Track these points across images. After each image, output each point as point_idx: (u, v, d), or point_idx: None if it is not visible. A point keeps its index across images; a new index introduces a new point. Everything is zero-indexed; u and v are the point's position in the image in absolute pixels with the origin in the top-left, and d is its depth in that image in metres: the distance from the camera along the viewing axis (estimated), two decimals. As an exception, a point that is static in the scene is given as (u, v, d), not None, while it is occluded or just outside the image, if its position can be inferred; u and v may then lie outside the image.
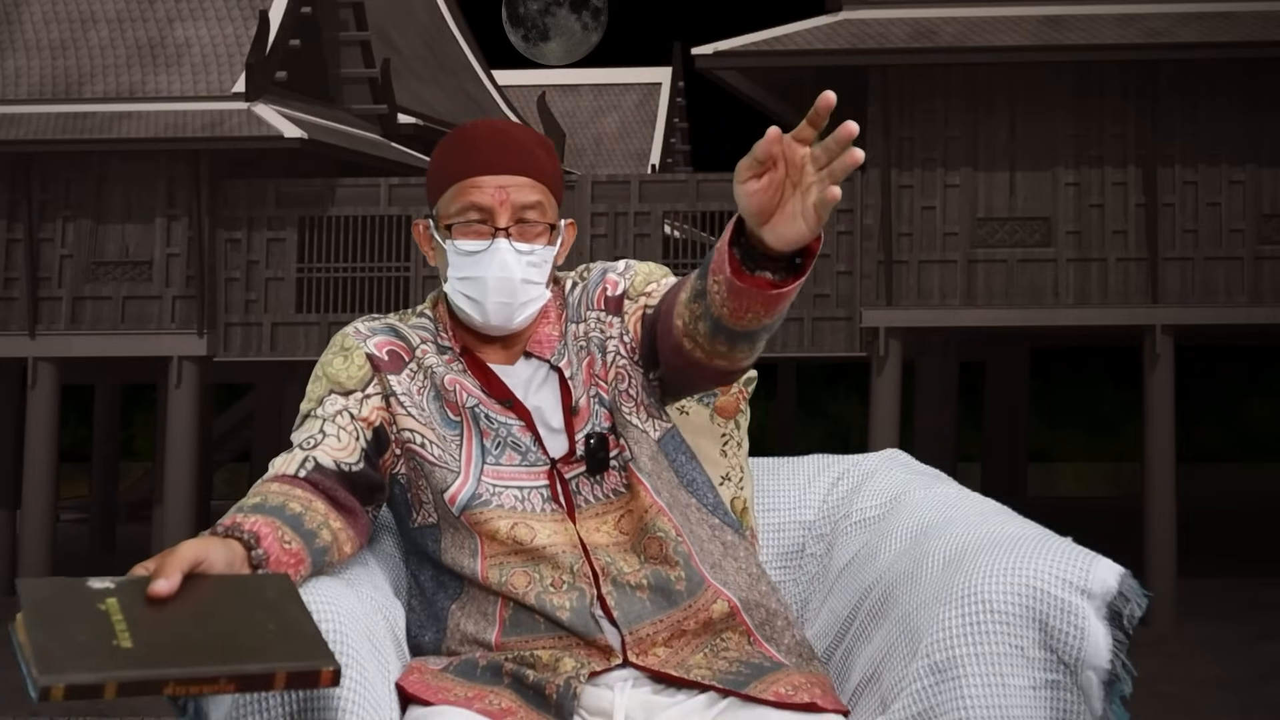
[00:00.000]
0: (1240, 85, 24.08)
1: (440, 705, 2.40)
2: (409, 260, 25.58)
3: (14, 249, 26.06)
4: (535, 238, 2.55)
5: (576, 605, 2.46)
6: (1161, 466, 23.75)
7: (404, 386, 2.56)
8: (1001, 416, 31.49)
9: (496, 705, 2.40)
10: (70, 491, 42.64)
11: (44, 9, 27.33)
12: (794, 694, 2.42)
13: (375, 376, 2.56)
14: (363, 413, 2.53)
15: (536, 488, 2.52)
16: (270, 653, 2.02)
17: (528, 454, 2.52)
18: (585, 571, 2.48)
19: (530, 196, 2.54)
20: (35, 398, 26.04)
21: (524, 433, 2.53)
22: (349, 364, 2.57)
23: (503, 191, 2.53)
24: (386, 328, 2.62)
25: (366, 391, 2.55)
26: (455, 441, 2.53)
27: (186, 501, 25.49)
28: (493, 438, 2.53)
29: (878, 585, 2.61)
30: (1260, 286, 23.83)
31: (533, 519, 2.50)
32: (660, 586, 2.50)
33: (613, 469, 2.55)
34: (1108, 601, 2.35)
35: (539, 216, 2.55)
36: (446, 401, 2.55)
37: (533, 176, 2.55)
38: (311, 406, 2.55)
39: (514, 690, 2.43)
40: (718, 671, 2.47)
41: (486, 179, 2.54)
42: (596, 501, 2.53)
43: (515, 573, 2.49)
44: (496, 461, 2.52)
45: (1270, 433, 47.71)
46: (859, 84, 25.89)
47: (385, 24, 33.82)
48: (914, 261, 24.31)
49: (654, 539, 2.53)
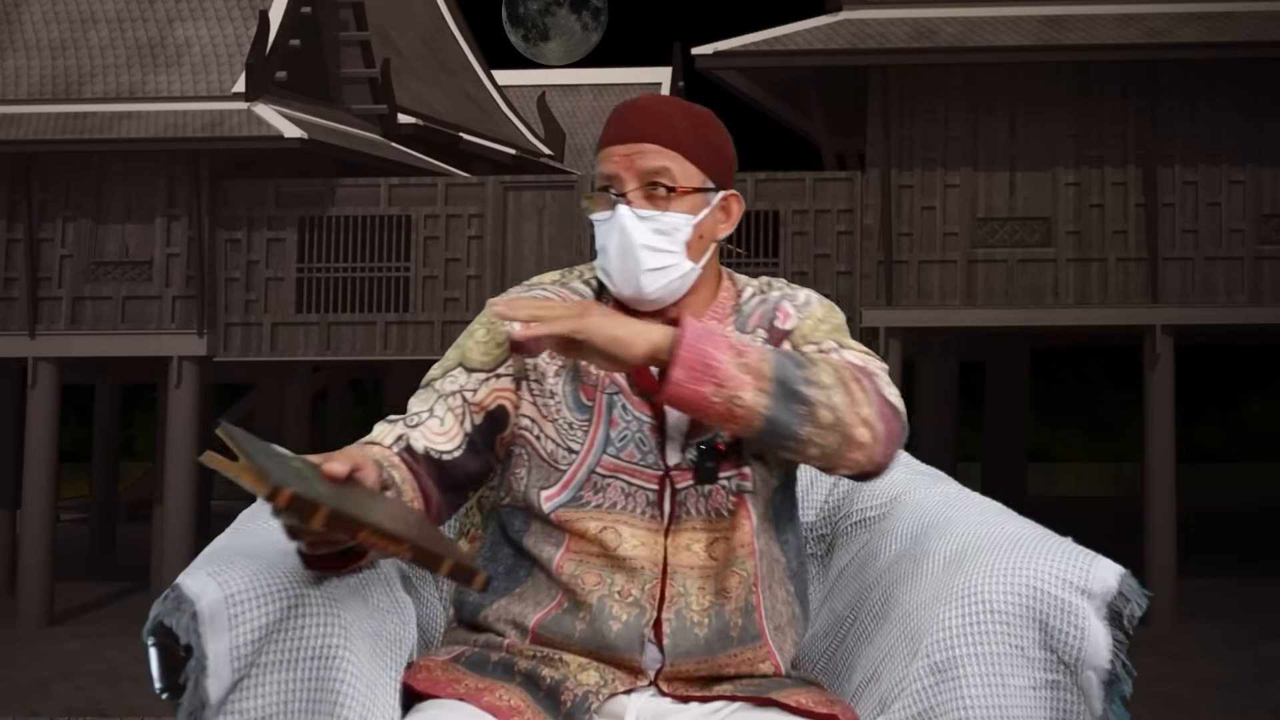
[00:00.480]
0: (1240, 85, 24.08)
1: (445, 699, 2.41)
2: (409, 260, 25.58)
3: (14, 249, 26.06)
4: (661, 203, 2.47)
5: (631, 621, 2.45)
6: (1161, 466, 23.74)
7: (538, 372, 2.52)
8: (1001, 416, 31.49)
9: (505, 702, 2.39)
10: (70, 491, 42.64)
11: (44, 9, 27.33)
12: (815, 705, 2.43)
13: (511, 357, 2.53)
14: (480, 396, 2.51)
15: (645, 489, 2.48)
16: (440, 543, 2.18)
17: (648, 455, 2.48)
18: (654, 594, 2.46)
19: (656, 162, 2.47)
20: (35, 398, 26.04)
21: (653, 433, 2.49)
22: (489, 339, 2.54)
23: (627, 159, 2.48)
24: None
25: (498, 371, 2.52)
26: (581, 428, 2.49)
27: (186, 501, 25.49)
28: (620, 429, 2.49)
29: (878, 585, 2.61)
30: (1260, 286, 23.83)
31: (625, 523, 2.47)
32: (719, 629, 2.48)
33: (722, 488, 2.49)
34: (1108, 601, 2.35)
35: (667, 181, 2.47)
36: (584, 385, 2.51)
37: (663, 143, 2.48)
38: (437, 375, 2.54)
39: (524, 689, 2.43)
40: (740, 688, 2.49)
41: (616, 148, 2.49)
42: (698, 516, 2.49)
43: (590, 571, 2.47)
44: (617, 454, 2.48)
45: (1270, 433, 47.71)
46: (859, 84, 25.89)
47: (385, 24, 33.82)
48: (914, 261, 24.31)
49: (736, 575, 2.49)
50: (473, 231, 25.55)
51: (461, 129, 34.08)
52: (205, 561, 2.33)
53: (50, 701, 21.44)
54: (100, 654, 23.89)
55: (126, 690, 22.04)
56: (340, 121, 28.72)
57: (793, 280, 24.62)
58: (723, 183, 2.53)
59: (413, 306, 25.53)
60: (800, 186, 24.74)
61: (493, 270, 25.40)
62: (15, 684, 22.09)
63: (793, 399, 2.31)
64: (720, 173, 2.52)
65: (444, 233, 25.59)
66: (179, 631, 2.23)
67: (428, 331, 25.54)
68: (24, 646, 24.37)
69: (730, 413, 2.29)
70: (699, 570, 2.48)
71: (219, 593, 2.24)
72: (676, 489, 2.48)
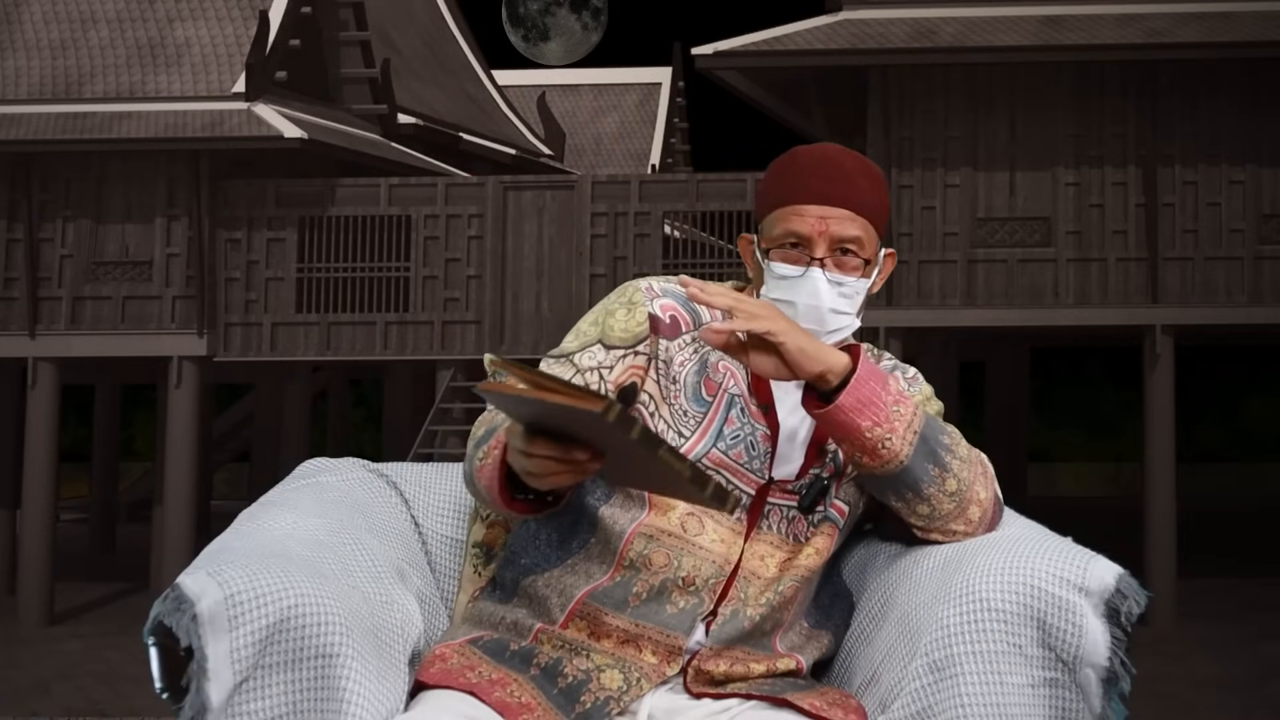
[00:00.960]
0: (1240, 85, 24.09)
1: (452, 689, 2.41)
2: (409, 260, 25.58)
3: (14, 249, 26.06)
4: (850, 270, 2.55)
5: (688, 609, 2.49)
6: (1161, 466, 23.75)
7: (670, 354, 2.58)
8: (1001, 416, 31.49)
9: (516, 698, 2.40)
10: (70, 491, 42.63)
11: (44, 9, 27.33)
12: (828, 709, 2.45)
13: (650, 338, 2.58)
14: (615, 374, 2.56)
15: (743, 491, 2.54)
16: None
17: (754, 460, 2.54)
18: (716, 588, 2.51)
19: (850, 230, 2.54)
20: (35, 398, 26.04)
21: (765, 440, 2.55)
22: (630, 318, 2.59)
23: (823, 222, 2.54)
24: (678, 294, 2.63)
25: (635, 349, 2.58)
26: (696, 418, 2.55)
27: (186, 501, 25.49)
28: (734, 428, 2.54)
29: (878, 586, 2.62)
30: (1260, 286, 23.83)
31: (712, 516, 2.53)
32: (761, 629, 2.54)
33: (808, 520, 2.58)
34: (1106, 599, 2.35)
35: (857, 249, 2.55)
36: (708, 380, 2.57)
37: (854, 209, 2.55)
38: (573, 348, 2.59)
39: (538, 685, 2.43)
40: (755, 686, 2.51)
41: (809, 208, 2.55)
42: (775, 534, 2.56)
43: (659, 550, 2.51)
44: (726, 452, 2.53)
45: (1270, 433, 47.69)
46: (859, 84, 25.89)
47: (385, 24, 33.81)
48: (914, 261, 24.31)
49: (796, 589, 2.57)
50: (473, 231, 25.55)
51: (461, 129, 34.08)
52: (205, 561, 2.33)
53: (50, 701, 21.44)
54: (100, 654, 23.88)
55: (126, 690, 22.04)
56: (340, 121, 28.72)
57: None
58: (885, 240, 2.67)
59: (413, 306, 25.53)
60: (800, 186, 24.75)
61: (493, 270, 25.40)
62: (15, 684, 22.08)
63: (931, 458, 2.48)
64: (883, 231, 2.62)
65: (444, 233, 25.59)
66: (179, 632, 2.23)
67: (427, 331, 25.54)
68: (24, 646, 24.37)
69: (876, 450, 2.46)
70: (765, 582, 2.54)
71: (219, 593, 2.24)
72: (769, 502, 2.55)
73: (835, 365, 2.44)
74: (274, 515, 2.60)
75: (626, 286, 2.63)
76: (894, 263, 2.67)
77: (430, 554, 2.81)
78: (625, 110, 45.81)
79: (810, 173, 2.56)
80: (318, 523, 2.58)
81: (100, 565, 31.73)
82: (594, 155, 45.26)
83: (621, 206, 25.10)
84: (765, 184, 2.61)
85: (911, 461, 2.47)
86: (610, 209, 25.11)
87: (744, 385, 2.57)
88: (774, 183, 2.59)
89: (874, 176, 2.59)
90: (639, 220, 25.06)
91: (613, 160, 45.09)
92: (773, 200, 2.59)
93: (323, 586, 2.33)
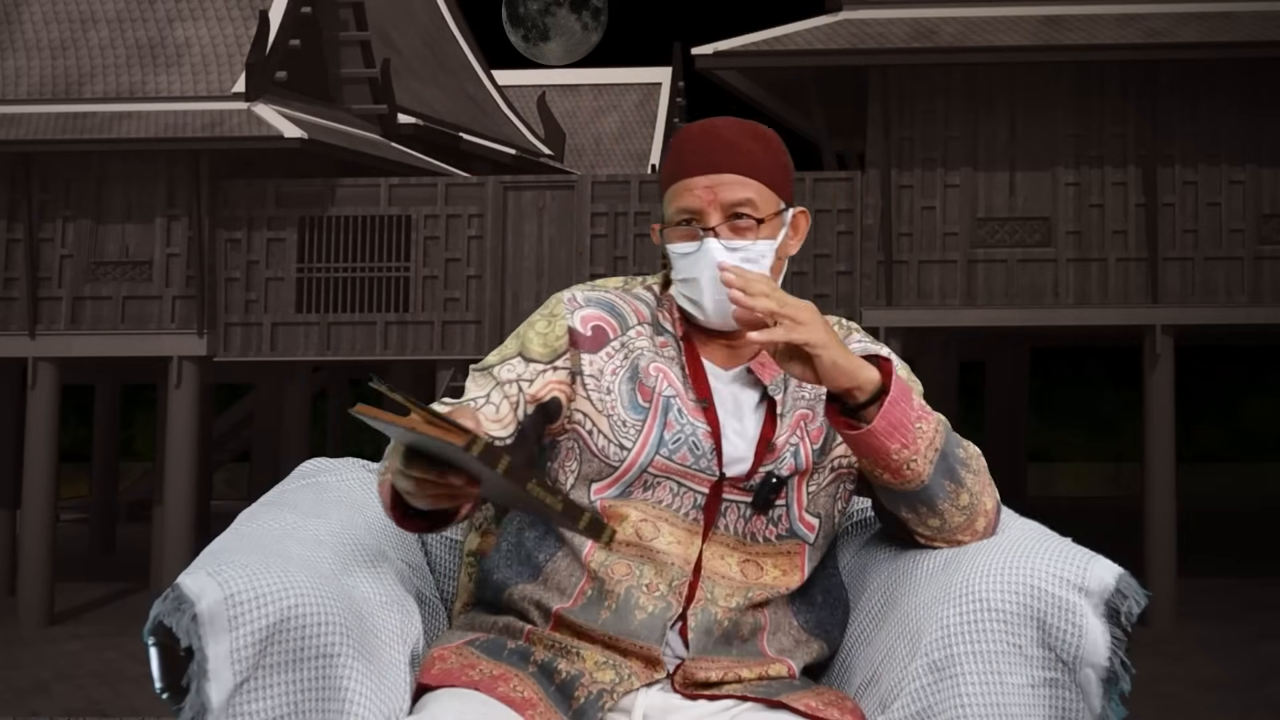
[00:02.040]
0: (1240, 85, 24.08)
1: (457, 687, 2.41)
2: (409, 260, 25.58)
3: (14, 249, 26.06)
4: (747, 233, 2.52)
5: (656, 613, 2.47)
6: (1161, 466, 23.75)
7: (596, 367, 2.55)
8: (1001, 416, 31.49)
9: (519, 694, 2.40)
10: (70, 491, 42.63)
11: (44, 9, 27.33)
12: (824, 709, 2.44)
13: (569, 352, 2.56)
14: (535, 387, 2.54)
15: (695, 492, 2.51)
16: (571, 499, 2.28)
17: (701, 459, 2.51)
18: (681, 590, 2.49)
19: (739, 194, 2.51)
20: (35, 398, 26.04)
21: (707, 438, 2.52)
22: (550, 331, 2.57)
23: (710, 191, 2.52)
24: (604, 301, 2.60)
25: (555, 364, 2.56)
26: (635, 427, 2.52)
27: (186, 501, 25.49)
28: (675, 432, 2.51)
29: (878, 586, 2.61)
30: (1260, 286, 23.83)
31: (665, 519, 2.50)
32: (734, 634, 2.52)
33: (767, 517, 2.54)
34: (1105, 599, 2.35)
35: (751, 211, 2.52)
36: (641, 386, 2.54)
37: (742, 172, 2.52)
38: (494, 362, 2.58)
39: (538, 681, 2.44)
40: (749, 687, 2.49)
41: (696, 180, 2.53)
42: (732, 535, 2.53)
43: (620, 561, 2.50)
44: (669, 456, 2.50)
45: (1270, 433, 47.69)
46: (859, 84, 25.89)
47: (385, 24, 33.81)
48: (914, 261, 24.31)
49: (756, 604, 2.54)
50: (473, 231, 25.55)
51: (461, 129, 34.08)
52: (205, 561, 2.33)
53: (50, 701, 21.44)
54: (100, 654, 23.88)
55: (126, 690, 22.04)
56: (340, 121, 28.72)
57: (793, 280, 24.64)
58: (790, 200, 2.59)
59: (413, 306, 25.53)
60: (800, 186, 24.74)
61: (493, 270, 25.41)
62: (15, 684, 22.08)
63: (948, 475, 2.47)
64: (789, 190, 2.58)
65: (444, 233, 25.59)
66: (179, 633, 2.23)
67: (428, 331, 25.54)
68: (24, 646, 24.36)
69: (900, 470, 2.45)
70: (728, 580, 2.51)
71: (219, 593, 2.24)
72: (725, 499, 2.52)
73: (866, 382, 2.43)
74: (274, 515, 2.60)
75: (550, 299, 2.61)
76: (808, 221, 2.62)
77: (430, 555, 2.81)
78: (625, 110, 45.81)
79: (693, 146, 2.53)
80: (318, 523, 2.58)
81: (100, 565, 31.73)
82: (594, 155, 45.26)
83: (621, 206, 25.10)
84: (662, 166, 2.59)
85: (931, 480, 2.46)
86: (610, 209, 25.11)
87: (679, 384, 2.54)
88: (664, 165, 2.57)
89: (763, 137, 2.56)
90: (639, 220, 25.06)
91: (613, 160, 45.09)
92: (665, 182, 2.56)
93: (323, 587, 2.33)
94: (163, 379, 30.01)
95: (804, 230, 2.62)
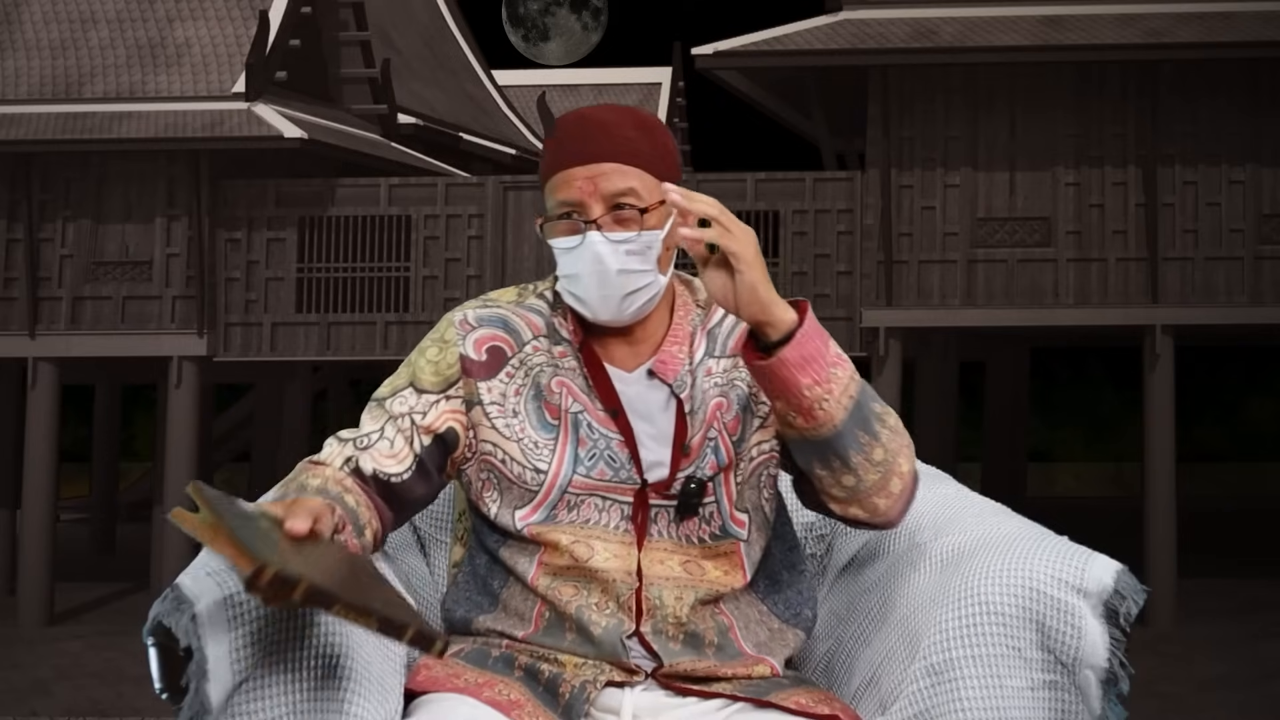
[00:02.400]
0: (1240, 85, 24.08)
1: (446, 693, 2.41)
2: (409, 260, 25.58)
3: (14, 249, 26.06)
4: (631, 225, 2.44)
5: (611, 628, 2.43)
6: (1161, 466, 23.75)
7: (495, 394, 2.49)
8: (1001, 416, 31.49)
9: (505, 696, 2.40)
10: (70, 491, 42.63)
11: (44, 9, 27.33)
12: (815, 706, 2.42)
13: (461, 380, 2.50)
14: (429, 419, 2.48)
15: (619, 503, 2.46)
16: (403, 610, 2.17)
17: (620, 470, 2.45)
18: (630, 604, 2.45)
19: (621, 183, 2.43)
20: (35, 398, 26.04)
21: (621, 448, 2.46)
22: (441, 359, 2.51)
23: (590, 182, 2.44)
24: (497, 318, 2.53)
25: (448, 394, 2.49)
26: (548, 447, 2.46)
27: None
28: (589, 448, 2.46)
29: (877, 587, 2.61)
30: (1260, 286, 23.83)
31: (597, 536, 2.45)
32: (694, 638, 2.47)
33: (699, 518, 2.48)
34: (1104, 600, 2.35)
35: (634, 201, 2.44)
36: (547, 404, 2.48)
37: (623, 160, 2.44)
38: (386, 394, 2.51)
39: (524, 684, 2.43)
40: (739, 686, 2.48)
41: (575, 171, 2.45)
42: (668, 539, 2.47)
43: (565, 583, 2.46)
44: (587, 474, 2.45)
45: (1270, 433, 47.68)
46: (859, 84, 25.89)
47: (385, 24, 33.81)
48: (914, 261, 24.31)
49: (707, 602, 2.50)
50: (473, 231, 25.55)
51: (461, 129, 34.07)
52: (205, 561, 2.33)
53: (50, 701, 21.44)
54: (100, 654, 23.89)
55: (127, 690, 22.04)
56: (340, 121, 28.72)
57: (793, 280, 24.64)
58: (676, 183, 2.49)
59: (413, 306, 25.53)
60: (800, 186, 24.75)
61: (493, 270, 25.41)
62: (15, 684, 22.08)
63: (863, 425, 2.37)
64: (673, 176, 2.50)
65: (444, 233, 25.60)
66: (178, 633, 2.23)
67: (427, 331, 25.55)
68: (24, 646, 24.37)
69: (811, 410, 2.35)
70: (674, 581, 2.47)
71: (218, 593, 2.24)
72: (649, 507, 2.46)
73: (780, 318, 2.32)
74: (273, 516, 2.60)
75: (443, 322, 2.54)
76: None
77: (428, 556, 2.81)
78: (625, 110, 45.81)
79: (571, 137, 2.45)
80: (317, 524, 2.58)
81: (100, 565, 31.73)
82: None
83: (621, 206, 25.11)
84: (541, 161, 2.52)
85: (844, 427, 2.36)
86: (610, 209, 25.12)
87: (584, 396, 2.47)
88: (544, 159, 2.50)
89: (645, 125, 2.48)
90: (639, 220, 25.07)
91: (613, 160, 45.07)
92: (545, 175, 2.49)
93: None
94: (163, 379, 30.01)
95: None
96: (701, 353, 2.52)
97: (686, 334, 2.53)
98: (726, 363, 2.52)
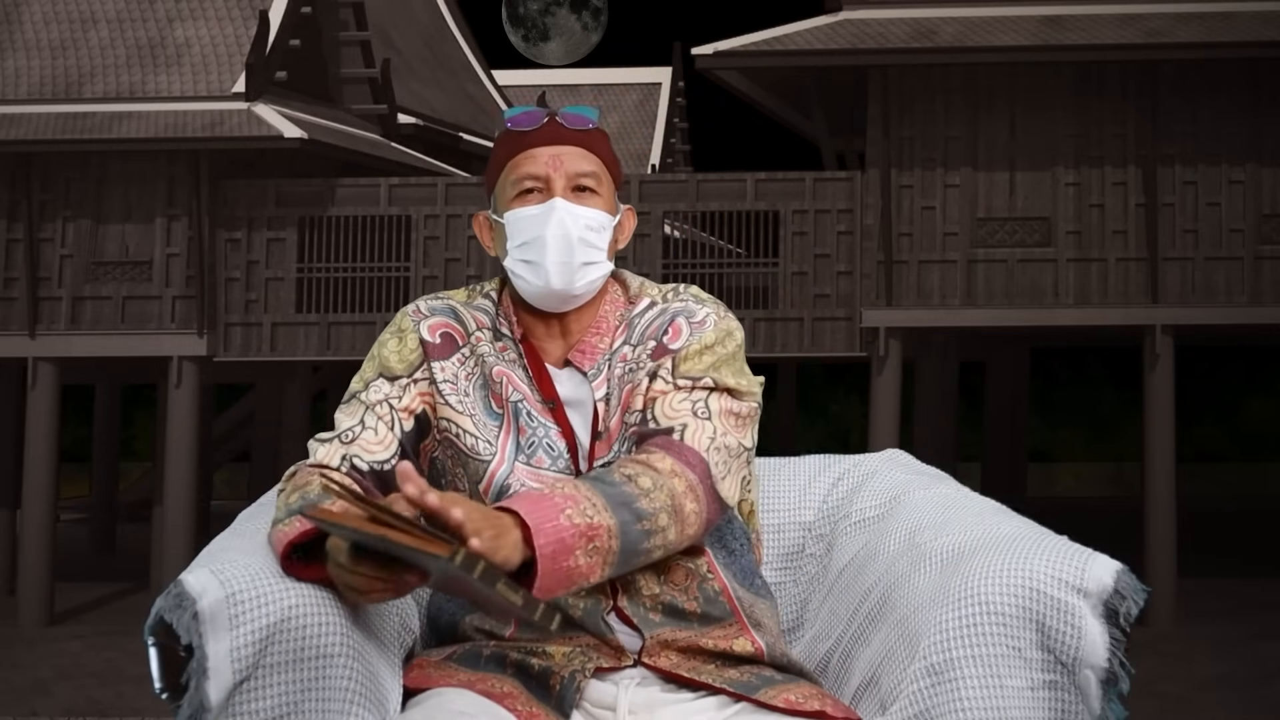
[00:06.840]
0: (1240, 85, 24.09)
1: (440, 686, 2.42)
2: (409, 260, 25.59)
3: (14, 249, 26.06)
4: (590, 204, 2.55)
5: (590, 608, 2.47)
6: (1161, 466, 23.75)
7: (450, 373, 2.57)
8: (1001, 416, 31.49)
9: (498, 689, 2.42)
10: (70, 491, 42.62)
11: (44, 9, 27.33)
12: (804, 702, 2.44)
13: (425, 362, 2.58)
14: (405, 401, 2.55)
15: None
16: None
17: (558, 459, 2.52)
18: (605, 584, 2.48)
19: (585, 165, 2.55)
20: (35, 398, 26.05)
21: (560, 438, 2.53)
22: (402, 346, 2.58)
23: (556, 160, 2.54)
24: (447, 308, 2.62)
25: (415, 376, 2.57)
26: (494, 432, 2.54)
27: (186, 501, 25.49)
28: (529, 436, 2.53)
29: (877, 587, 2.61)
30: (1260, 286, 23.84)
31: None
32: (672, 608, 2.50)
33: None
34: (1104, 600, 2.35)
35: (594, 186, 2.55)
36: (493, 392, 2.56)
37: (586, 148, 2.56)
38: (359, 388, 2.58)
39: (516, 678, 2.45)
40: (729, 679, 2.48)
41: (540, 150, 2.55)
42: None
43: None
44: (528, 461, 2.52)
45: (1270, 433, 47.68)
46: (859, 84, 25.89)
47: (385, 24, 33.81)
48: (914, 261, 24.32)
49: (679, 566, 2.52)
50: (472, 231, 25.55)
51: (461, 129, 34.08)
52: (207, 559, 2.34)
53: (50, 701, 21.43)
54: (100, 654, 23.88)
55: (127, 690, 22.04)
56: (340, 121, 28.72)
57: (793, 280, 24.64)
58: (620, 197, 2.63)
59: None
60: (800, 186, 24.75)
61: (492, 270, 25.40)
62: (15, 684, 22.08)
63: (635, 556, 2.39)
64: (619, 183, 2.62)
65: (444, 233, 25.60)
66: (180, 630, 2.23)
67: (428, 331, 25.57)
68: (24, 646, 24.36)
69: (583, 586, 2.35)
70: None
71: (220, 591, 2.24)
72: None
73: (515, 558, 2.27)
74: (274, 516, 2.60)
75: (397, 315, 2.62)
76: (634, 220, 2.63)
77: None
78: (625, 110, 45.82)
79: (531, 121, 2.56)
80: (317, 523, 2.58)
81: (100, 565, 31.73)
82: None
83: (621, 206, 25.11)
84: (493, 154, 2.60)
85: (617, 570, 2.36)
86: (610, 209, 25.12)
87: (524, 387, 2.55)
88: (500, 146, 2.58)
89: (604, 133, 2.59)
90: (639, 220, 25.06)
91: (613, 160, 45.07)
92: (502, 159, 2.57)
93: (322, 588, 2.34)
94: (163, 379, 30.00)
95: (630, 229, 2.63)
96: (620, 341, 2.58)
97: (611, 326, 2.60)
98: (641, 349, 2.57)
